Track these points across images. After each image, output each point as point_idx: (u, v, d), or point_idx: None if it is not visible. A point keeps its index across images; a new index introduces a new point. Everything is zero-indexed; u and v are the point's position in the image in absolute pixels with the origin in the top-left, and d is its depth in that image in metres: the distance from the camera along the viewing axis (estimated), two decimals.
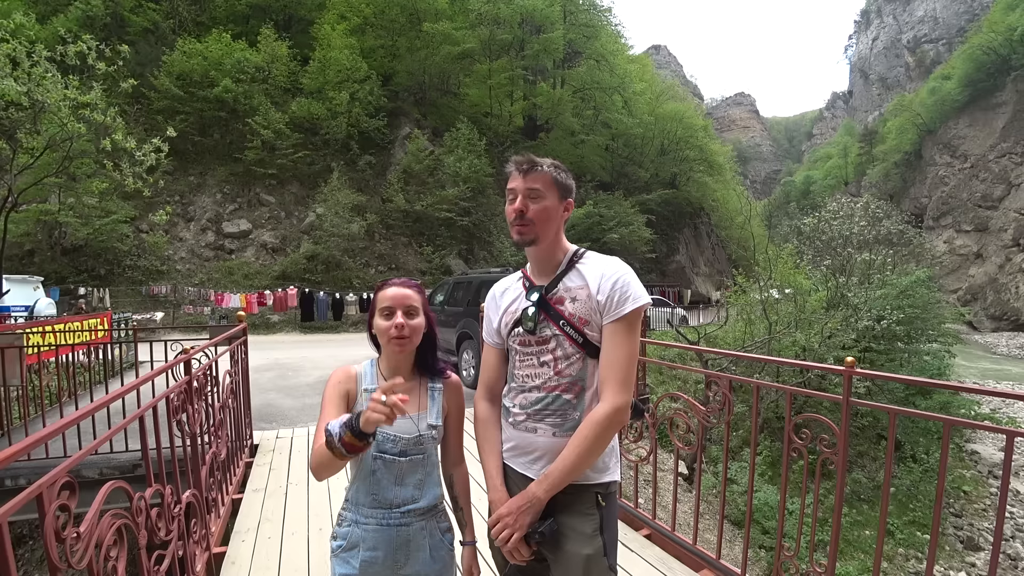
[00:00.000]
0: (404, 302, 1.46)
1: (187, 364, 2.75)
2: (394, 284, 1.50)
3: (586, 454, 1.34)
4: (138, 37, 22.39)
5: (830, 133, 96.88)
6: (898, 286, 14.71)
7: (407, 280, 1.53)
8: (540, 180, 1.43)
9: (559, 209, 1.47)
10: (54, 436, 1.42)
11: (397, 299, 1.46)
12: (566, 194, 1.48)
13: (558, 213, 1.46)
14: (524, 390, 1.49)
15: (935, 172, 50.85)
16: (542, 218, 1.43)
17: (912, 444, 13.45)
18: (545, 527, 1.34)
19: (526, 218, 1.43)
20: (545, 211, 1.43)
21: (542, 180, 1.43)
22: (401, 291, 1.47)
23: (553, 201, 1.45)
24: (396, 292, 1.47)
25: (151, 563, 1.92)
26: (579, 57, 33.66)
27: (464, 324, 8.20)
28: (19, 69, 6.30)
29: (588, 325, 1.41)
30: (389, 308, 1.45)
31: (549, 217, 1.44)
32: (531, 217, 1.43)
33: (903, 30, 77.62)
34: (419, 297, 1.51)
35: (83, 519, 1.48)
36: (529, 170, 1.43)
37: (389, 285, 1.50)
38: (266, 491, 3.89)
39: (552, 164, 1.46)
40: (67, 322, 7.20)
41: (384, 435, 1.43)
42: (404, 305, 1.46)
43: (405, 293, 1.47)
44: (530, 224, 1.43)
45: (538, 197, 1.43)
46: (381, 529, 1.42)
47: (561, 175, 1.46)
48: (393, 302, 1.45)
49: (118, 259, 18.30)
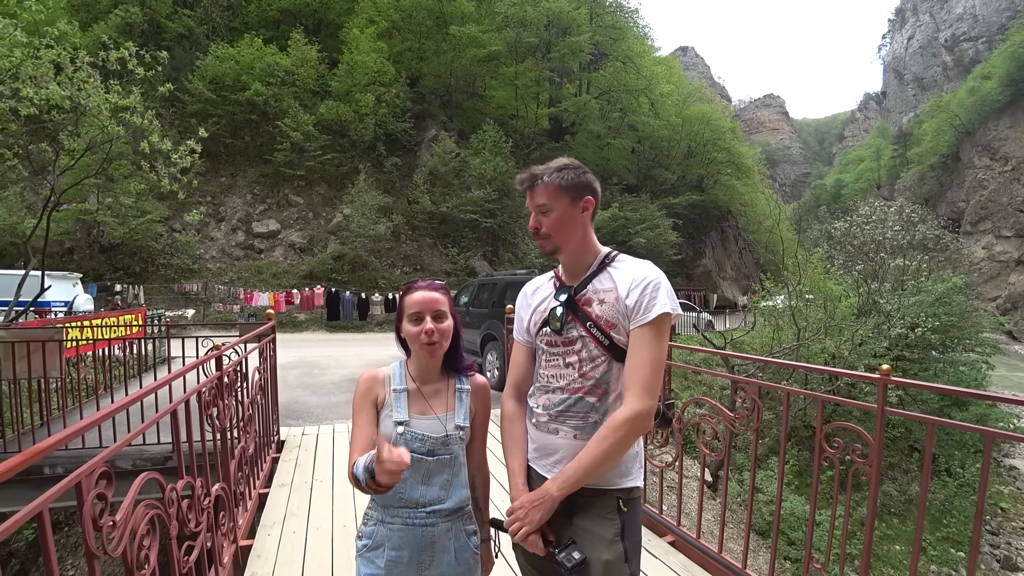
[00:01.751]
0: (432, 306, 1.46)
1: (218, 360, 2.82)
2: (421, 288, 1.50)
3: (603, 456, 1.32)
4: (173, 43, 22.98)
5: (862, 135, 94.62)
6: (933, 293, 14.26)
7: (433, 282, 1.53)
8: (544, 194, 1.44)
9: (574, 213, 1.45)
10: (91, 428, 1.47)
11: (425, 304, 1.46)
12: (579, 194, 1.45)
13: (573, 217, 1.45)
14: (548, 391, 1.48)
15: (973, 175, 49.24)
16: (556, 228, 1.45)
17: (947, 457, 13.04)
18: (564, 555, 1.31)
19: (542, 233, 1.46)
20: (557, 222, 1.44)
21: (546, 193, 1.44)
22: (429, 295, 1.47)
23: (563, 208, 1.44)
24: (424, 296, 1.47)
25: (181, 553, 1.96)
26: (605, 59, 33.48)
27: (489, 326, 8.21)
28: (63, 74, 6.55)
29: (615, 328, 1.39)
30: (418, 313, 1.45)
31: (563, 226, 1.45)
32: (545, 231, 1.45)
33: (940, 28, 75.40)
34: (446, 299, 1.51)
35: (119, 508, 1.52)
36: (531, 187, 1.46)
37: (416, 289, 1.50)
38: (292, 486, 3.95)
39: (557, 169, 1.44)
40: (104, 317, 7.44)
41: (412, 434, 1.44)
42: (433, 310, 1.46)
43: (433, 297, 1.47)
44: (547, 237, 1.46)
45: (547, 211, 1.45)
46: (406, 529, 1.42)
47: (568, 177, 1.43)
48: (421, 307, 1.45)
49: (152, 257, 18.84)
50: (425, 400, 1.50)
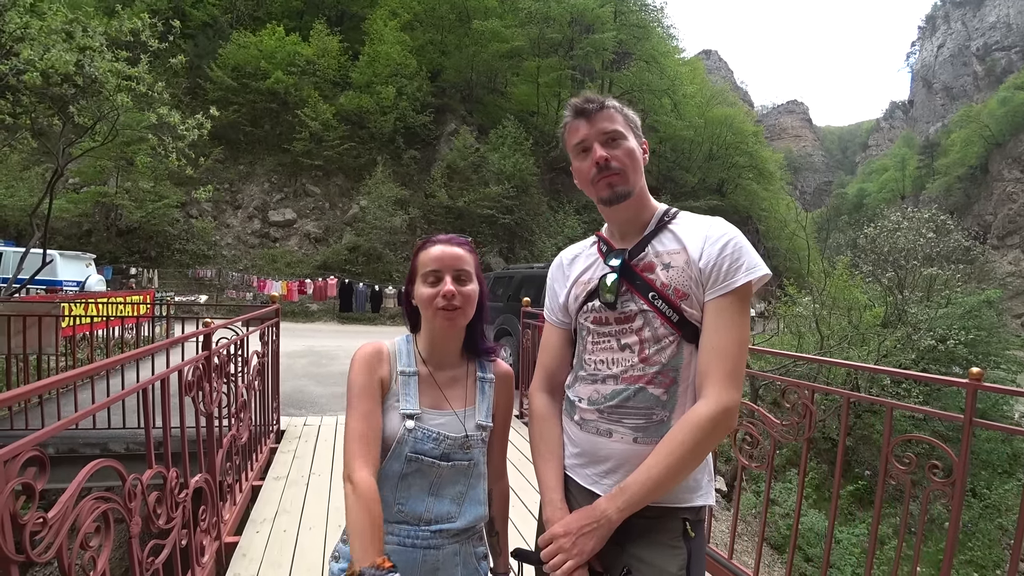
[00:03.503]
0: (455, 264, 1.14)
1: (206, 338, 2.57)
2: (440, 241, 1.17)
3: (680, 466, 1.01)
4: (197, 31, 23.11)
5: (887, 144, 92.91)
6: (964, 305, 13.74)
7: (455, 236, 1.20)
8: (615, 118, 1.13)
9: (641, 152, 1.17)
10: (14, 400, 1.21)
11: (446, 260, 1.14)
12: (640, 133, 1.19)
13: (640, 156, 1.16)
14: (596, 380, 1.15)
15: (1002, 188, 48.04)
16: (631, 162, 1.13)
17: (972, 477, 12.56)
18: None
19: (613, 166, 1.12)
20: (631, 154, 1.13)
21: (615, 119, 1.14)
22: (450, 250, 1.15)
23: (635, 142, 1.15)
24: (444, 251, 1.15)
25: (144, 554, 1.71)
26: (629, 58, 33.05)
27: (503, 320, 7.97)
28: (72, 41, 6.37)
29: (686, 300, 1.08)
30: (436, 272, 1.13)
31: (636, 161, 1.14)
32: (619, 165, 1.12)
33: (972, 37, 73.75)
34: (472, 258, 1.18)
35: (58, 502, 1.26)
36: (599, 110, 1.13)
37: (434, 243, 1.18)
38: (287, 479, 3.70)
39: (615, 101, 1.17)
40: (109, 296, 7.29)
41: (425, 432, 1.12)
42: (455, 268, 1.14)
43: (455, 253, 1.15)
44: (620, 172, 1.12)
45: (618, 138, 1.13)
46: (403, 551, 1.09)
47: (629, 112, 1.18)
48: (440, 264, 1.13)
49: (168, 242, 18.93)
50: (439, 389, 1.18)
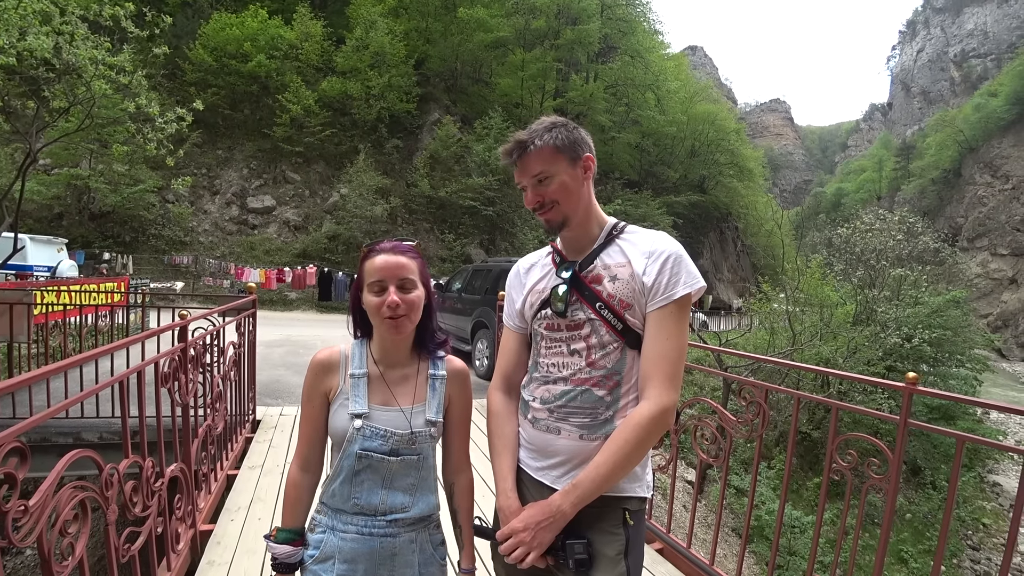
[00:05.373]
0: (399, 273, 1.19)
1: (183, 330, 2.61)
2: (384, 250, 1.21)
3: (624, 462, 1.13)
4: (176, 10, 22.48)
5: (865, 145, 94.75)
6: (930, 305, 14.19)
7: (399, 243, 1.24)
8: (539, 159, 1.21)
9: (577, 175, 1.23)
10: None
11: (389, 270, 1.19)
12: (577, 153, 1.22)
13: (578, 180, 1.23)
14: (548, 382, 1.26)
15: (974, 192, 49.35)
16: (563, 195, 1.22)
17: (933, 471, 13.04)
18: (580, 547, 1.14)
19: (546, 203, 1.23)
20: (563, 187, 1.22)
21: (541, 158, 1.21)
22: (393, 259, 1.20)
23: (566, 171, 1.22)
24: (387, 261, 1.19)
25: (121, 541, 1.76)
26: (613, 52, 33.16)
27: (480, 313, 8.03)
28: (49, 25, 6.23)
29: (630, 309, 1.19)
30: (380, 282, 1.19)
31: (570, 191, 1.22)
32: (551, 200, 1.22)
33: (951, 43, 75.27)
34: (415, 264, 1.23)
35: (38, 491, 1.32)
36: (522, 154, 1.22)
37: (377, 252, 1.22)
38: (263, 469, 3.75)
39: (547, 129, 1.21)
40: (82, 283, 7.18)
41: (372, 429, 1.19)
42: (398, 277, 1.19)
43: (398, 262, 1.20)
44: (552, 207, 1.23)
45: (546, 178, 1.22)
46: (361, 539, 1.19)
47: (561, 136, 1.21)
48: (384, 274, 1.18)
49: (143, 227, 18.48)
50: (388, 388, 1.25)
